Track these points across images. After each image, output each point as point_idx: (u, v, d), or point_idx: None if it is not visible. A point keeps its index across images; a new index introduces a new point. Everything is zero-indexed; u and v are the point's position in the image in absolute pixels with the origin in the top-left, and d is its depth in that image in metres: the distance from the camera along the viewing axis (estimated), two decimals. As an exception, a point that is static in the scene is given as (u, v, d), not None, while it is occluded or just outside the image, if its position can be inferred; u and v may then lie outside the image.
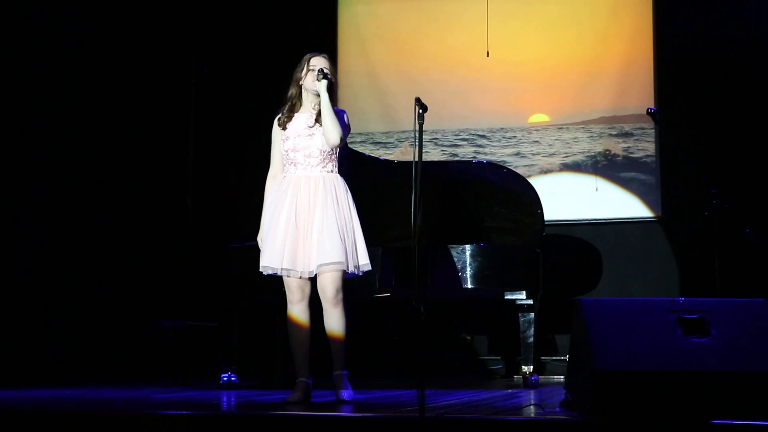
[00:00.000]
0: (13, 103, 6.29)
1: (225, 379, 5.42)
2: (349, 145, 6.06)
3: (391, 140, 7.68)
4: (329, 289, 4.00)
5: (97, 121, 6.94)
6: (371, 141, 7.69)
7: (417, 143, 3.57)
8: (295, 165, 4.09)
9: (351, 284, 4.21)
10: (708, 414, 2.92)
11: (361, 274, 4.12)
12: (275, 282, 4.40)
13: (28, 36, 6.42)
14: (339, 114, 4.10)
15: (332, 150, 4.11)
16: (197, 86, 7.70)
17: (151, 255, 7.11)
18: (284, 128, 4.14)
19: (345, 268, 4.00)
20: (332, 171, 4.12)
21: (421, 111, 3.66)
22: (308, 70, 4.12)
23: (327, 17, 7.83)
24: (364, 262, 4.07)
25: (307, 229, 3.99)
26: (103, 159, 6.96)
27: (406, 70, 7.68)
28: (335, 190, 4.06)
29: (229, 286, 5.49)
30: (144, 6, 7.31)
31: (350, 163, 5.85)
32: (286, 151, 4.10)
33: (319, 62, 4.12)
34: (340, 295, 4.02)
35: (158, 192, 7.30)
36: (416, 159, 3.55)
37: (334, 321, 4.03)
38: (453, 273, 5.31)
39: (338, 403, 3.86)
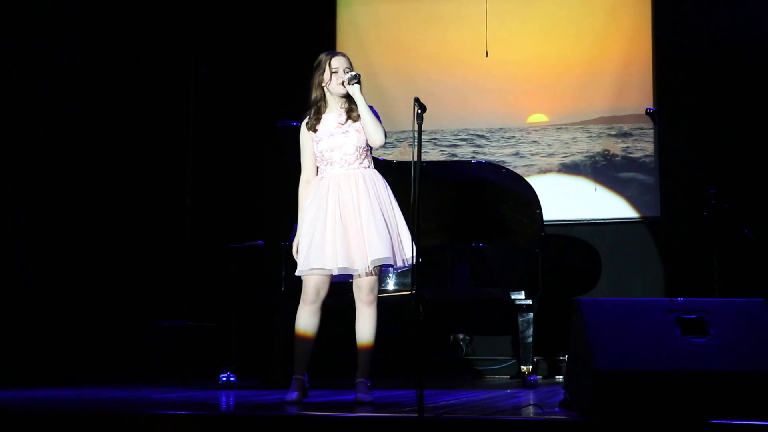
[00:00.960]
0: (11, 104, 6.29)
1: (224, 379, 5.41)
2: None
3: (390, 140, 7.68)
4: (365, 287, 3.97)
5: (96, 122, 6.94)
6: (370, 141, 7.69)
7: (416, 143, 3.57)
8: (332, 164, 4.05)
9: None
10: (707, 414, 2.92)
11: (408, 267, 4.05)
12: (275, 282, 4.39)
13: (27, 36, 6.42)
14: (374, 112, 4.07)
15: (367, 146, 4.07)
16: (196, 86, 7.70)
17: (150, 255, 7.11)
18: (315, 131, 4.09)
19: (394, 263, 3.96)
20: (369, 166, 4.10)
21: (420, 111, 3.66)
22: (331, 73, 4.05)
23: (326, 17, 7.83)
24: (410, 254, 3.99)
25: (355, 226, 3.95)
26: (102, 159, 6.96)
27: (404, 71, 7.68)
28: (375, 185, 4.04)
29: (229, 286, 5.49)
30: (143, 6, 7.31)
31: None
32: (321, 152, 4.06)
33: (340, 63, 4.05)
34: (375, 294, 3.99)
35: (157, 192, 7.30)
36: (415, 159, 3.55)
37: (366, 322, 3.99)
38: (452, 273, 5.31)
39: (357, 404, 3.83)
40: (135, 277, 6.97)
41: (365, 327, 4.00)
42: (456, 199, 6.11)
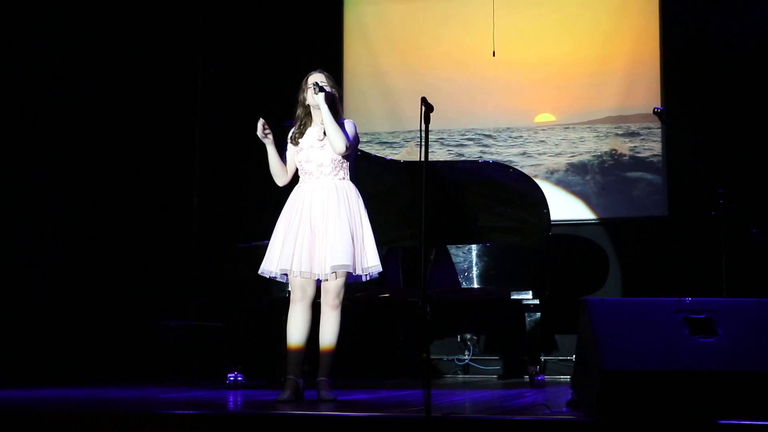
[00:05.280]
0: (19, 105, 6.30)
1: (231, 379, 5.42)
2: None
3: (398, 140, 7.68)
4: (331, 291, 4.17)
5: (103, 122, 6.96)
6: (377, 141, 7.70)
7: (423, 143, 3.57)
8: (309, 174, 4.30)
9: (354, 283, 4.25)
10: (715, 414, 2.91)
11: (369, 277, 4.25)
12: (282, 282, 4.44)
13: (35, 37, 6.43)
14: (342, 124, 4.26)
15: (343, 159, 4.28)
16: (203, 86, 7.71)
17: (158, 255, 7.12)
18: (296, 143, 4.35)
19: (353, 271, 4.15)
20: (344, 178, 4.31)
21: (427, 111, 3.66)
22: (308, 89, 4.30)
23: (333, 17, 7.84)
24: (373, 264, 4.21)
25: (323, 233, 4.16)
26: (110, 159, 6.97)
27: (412, 70, 7.68)
28: (347, 196, 4.25)
29: (236, 286, 5.49)
30: (150, 6, 7.33)
31: (356, 163, 5.87)
32: (300, 162, 4.33)
33: (316, 78, 4.31)
34: (340, 299, 4.18)
35: (165, 192, 7.32)
36: (422, 159, 3.55)
37: (330, 325, 4.18)
38: (459, 273, 5.31)
39: (320, 402, 3.97)
40: (143, 277, 6.99)
41: (328, 330, 4.19)
42: (463, 199, 6.11)
